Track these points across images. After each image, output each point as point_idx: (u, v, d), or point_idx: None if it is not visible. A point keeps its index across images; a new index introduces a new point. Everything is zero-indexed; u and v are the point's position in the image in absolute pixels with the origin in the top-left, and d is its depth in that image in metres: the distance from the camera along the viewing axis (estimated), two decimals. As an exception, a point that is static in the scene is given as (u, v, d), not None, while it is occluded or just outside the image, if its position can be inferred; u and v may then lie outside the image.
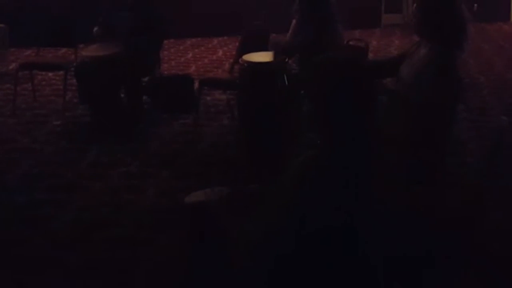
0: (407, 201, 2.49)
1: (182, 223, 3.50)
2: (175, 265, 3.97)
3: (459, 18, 3.75)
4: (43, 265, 4.17)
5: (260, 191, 2.89)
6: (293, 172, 2.37)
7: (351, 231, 2.28)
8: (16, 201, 5.04)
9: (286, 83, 5.80)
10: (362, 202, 2.31)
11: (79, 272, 4.09)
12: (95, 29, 6.60)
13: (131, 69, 6.43)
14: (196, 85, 6.76)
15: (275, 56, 5.93)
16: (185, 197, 3.18)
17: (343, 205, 2.28)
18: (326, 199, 2.28)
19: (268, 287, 2.40)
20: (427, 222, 2.68)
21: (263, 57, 6.04)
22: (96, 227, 4.62)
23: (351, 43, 6.55)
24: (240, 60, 6.06)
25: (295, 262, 2.34)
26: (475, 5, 10.79)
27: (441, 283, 2.71)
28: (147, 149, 6.10)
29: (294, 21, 6.14)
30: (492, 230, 4.24)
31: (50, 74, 8.31)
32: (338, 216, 2.28)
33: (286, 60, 5.89)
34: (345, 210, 2.28)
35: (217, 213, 2.86)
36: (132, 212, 4.87)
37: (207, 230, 2.87)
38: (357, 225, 2.29)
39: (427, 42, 3.80)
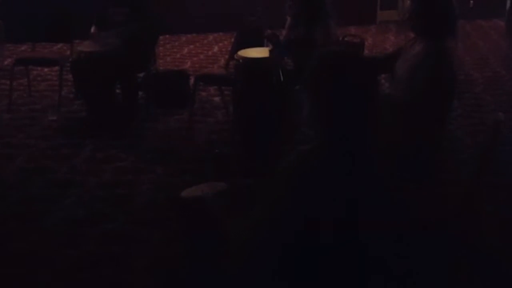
0: (402, 199, 2.49)
1: (178, 217, 3.51)
2: (170, 261, 3.98)
3: (452, 13, 3.77)
4: (38, 261, 4.16)
5: (256, 186, 2.89)
6: (288, 166, 2.37)
7: (345, 225, 2.29)
8: (11, 196, 5.04)
9: (281, 78, 5.80)
10: (358, 197, 2.31)
11: (74, 267, 4.09)
12: (92, 29, 6.61)
13: (126, 64, 6.43)
14: (192, 80, 6.76)
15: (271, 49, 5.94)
16: (181, 192, 3.17)
17: (339, 199, 2.29)
18: (322, 192, 2.28)
19: (263, 283, 2.40)
20: (422, 220, 2.68)
21: (258, 53, 6.05)
22: (90, 223, 4.62)
23: (346, 39, 6.55)
24: (235, 56, 6.07)
25: (289, 256, 2.35)
26: (471, 1, 10.81)
27: (436, 281, 2.72)
28: (142, 144, 6.11)
29: (289, 18, 6.13)
30: (484, 225, 4.26)
31: (45, 69, 8.30)
32: (334, 210, 2.28)
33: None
34: (341, 204, 2.29)
35: (213, 208, 2.86)
36: (127, 207, 4.87)
37: (203, 225, 2.88)
38: (352, 219, 2.29)
39: (422, 39, 3.81)
